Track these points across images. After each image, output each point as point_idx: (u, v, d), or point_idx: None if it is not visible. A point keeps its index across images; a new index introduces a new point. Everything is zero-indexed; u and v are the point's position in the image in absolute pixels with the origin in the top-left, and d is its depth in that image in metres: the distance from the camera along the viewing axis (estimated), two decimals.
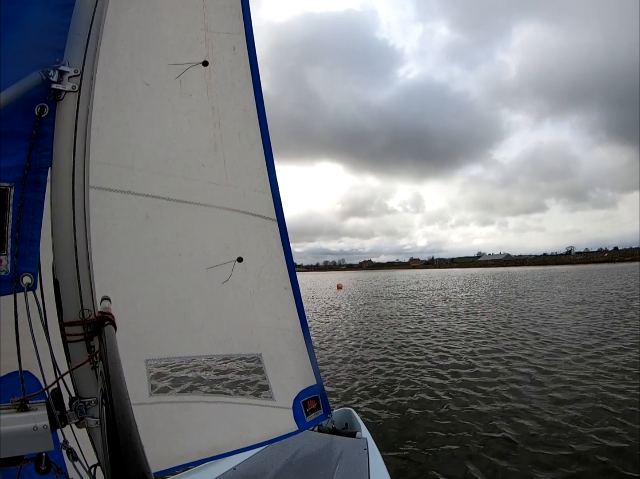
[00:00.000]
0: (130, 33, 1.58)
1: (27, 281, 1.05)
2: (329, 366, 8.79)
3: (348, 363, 9.00)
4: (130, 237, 1.78)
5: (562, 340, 10.37)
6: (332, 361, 9.24)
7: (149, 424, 1.99)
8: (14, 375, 1.10)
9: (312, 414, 2.52)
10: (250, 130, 1.97)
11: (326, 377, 7.79)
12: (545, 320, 13.88)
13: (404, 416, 5.76)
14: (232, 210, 2.01)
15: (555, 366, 7.95)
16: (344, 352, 10.14)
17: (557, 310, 16.51)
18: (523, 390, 6.67)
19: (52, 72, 1.00)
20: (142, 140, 1.71)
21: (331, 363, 9.03)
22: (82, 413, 1.02)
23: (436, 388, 6.94)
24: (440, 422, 5.48)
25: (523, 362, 8.45)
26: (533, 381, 7.12)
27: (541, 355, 8.97)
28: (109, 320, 1.04)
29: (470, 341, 10.79)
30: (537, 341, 10.47)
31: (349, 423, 3.53)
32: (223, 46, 1.81)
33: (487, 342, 10.56)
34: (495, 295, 25.17)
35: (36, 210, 1.07)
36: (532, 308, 17.28)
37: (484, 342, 10.57)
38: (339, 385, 7.45)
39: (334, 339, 12.04)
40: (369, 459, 2.68)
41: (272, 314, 2.27)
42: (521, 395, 6.41)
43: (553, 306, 17.94)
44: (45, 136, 1.03)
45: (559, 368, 7.84)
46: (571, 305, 17.74)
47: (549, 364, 8.16)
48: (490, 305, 19.28)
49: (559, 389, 6.60)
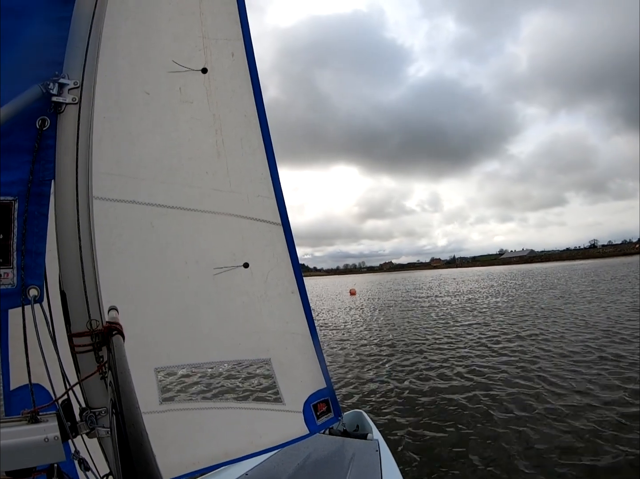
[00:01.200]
0: (129, 43, 1.59)
1: (33, 294, 1.06)
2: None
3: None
4: (135, 246, 1.78)
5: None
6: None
7: (160, 432, 2.00)
8: (24, 388, 1.11)
9: (323, 417, 2.51)
10: (252, 136, 1.97)
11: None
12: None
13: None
14: (236, 216, 2.01)
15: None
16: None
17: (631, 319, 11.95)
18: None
19: (52, 85, 1.01)
20: (145, 149, 1.72)
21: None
22: (93, 423, 1.03)
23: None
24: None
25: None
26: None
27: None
28: (117, 330, 1.04)
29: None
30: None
31: (360, 425, 3.51)
32: (222, 53, 1.82)
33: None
34: (535, 299, 19.75)
35: (41, 222, 1.08)
36: (598, 319, 12.45)
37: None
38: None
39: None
40: (381, 461, 2.66)
41: (280, 318, 2.27)
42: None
43: (621, 314, 13.04)
44: (47, 149, 1.04)
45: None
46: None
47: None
48: (538, 315, 14.44)
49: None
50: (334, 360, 9.65)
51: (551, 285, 29.36)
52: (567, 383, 6.72)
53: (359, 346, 11.36)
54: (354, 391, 7.15)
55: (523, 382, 6.93)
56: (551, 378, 7.05)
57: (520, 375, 7.35)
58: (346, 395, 6.95)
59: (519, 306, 17.70)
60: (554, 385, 6.70)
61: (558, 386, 6.58)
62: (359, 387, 7.35)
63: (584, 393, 6.17)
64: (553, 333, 11.04)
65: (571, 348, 9.14)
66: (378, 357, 9.76)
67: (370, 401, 6.54)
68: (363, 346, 11.26)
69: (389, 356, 9.79)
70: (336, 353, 10.55)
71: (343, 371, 8.57)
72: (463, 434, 5.07)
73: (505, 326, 12.80)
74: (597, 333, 10.51)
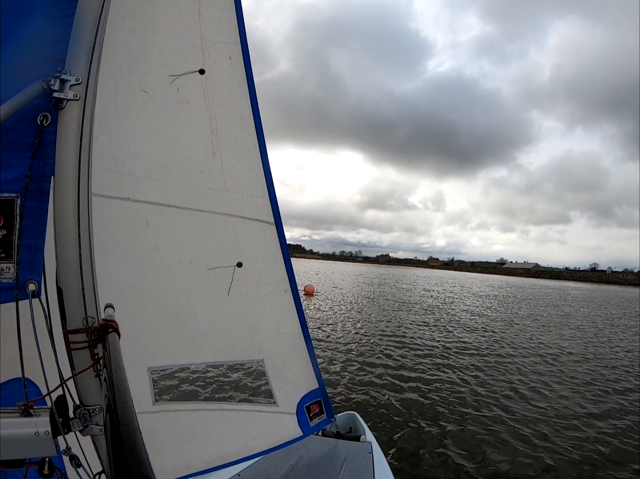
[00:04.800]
0: (128, 42, 1.60)
1: (32, 289, 1.05)
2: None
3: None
4: (130, 244, 1.78)
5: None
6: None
7: (153, 433, 1.98)
8: (12, 382, 1.11)
9: (316, 418, 2.51)
10: (247, 137, 1.99)
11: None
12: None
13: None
14: (231, 216, 2.02)
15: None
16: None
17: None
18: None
19: (54, 81, 1.01)
20: (141, 148, 1.72)
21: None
22: (86, 421, 1.02)
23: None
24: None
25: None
26: None
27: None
28: (113, 328, 1.05)
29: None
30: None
31: (353, 427, 3.52)
32: (219, 55, 1.84)
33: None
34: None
35: (41, 218, 1.08)
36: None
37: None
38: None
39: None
40: (373, 463, 2.67)
41: (272, 318, 2.27)
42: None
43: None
44: (47, 145, 1.04)
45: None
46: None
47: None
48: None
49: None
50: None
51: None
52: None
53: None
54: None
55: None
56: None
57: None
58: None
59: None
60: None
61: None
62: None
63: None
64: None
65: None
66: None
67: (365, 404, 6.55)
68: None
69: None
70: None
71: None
72: (456, 435, 5.11)
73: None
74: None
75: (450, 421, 5.79)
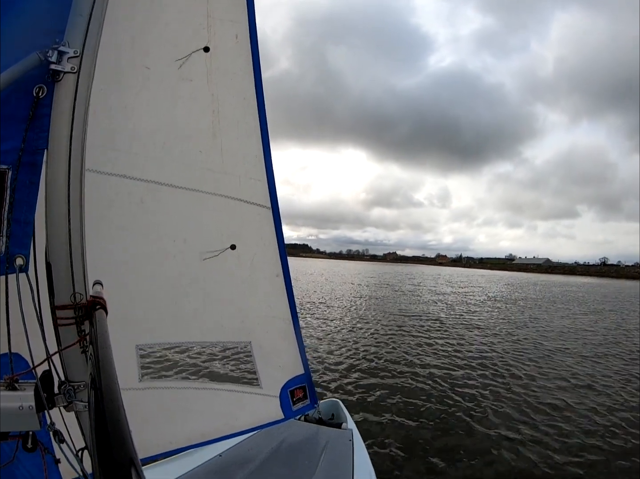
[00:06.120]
0: (132, 15, 1.55)
1: (19, 263, 1.05)
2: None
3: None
4: (124, 221, 1.76)
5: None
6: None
7: (138, 409, 2.00)
8: (4, 356, 1.11)
9: (299, 403, 2.55)
10: (249, 119, 1.96)
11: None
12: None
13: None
14: (227, 197, 2.01)
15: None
16: None
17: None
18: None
19: (51, 53, 0.98)
20: (140, 124, 1.69)
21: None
22: (71, 397, 1.03)
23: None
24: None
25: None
26: None
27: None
28: (101, 304, 1.04)
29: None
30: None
31: (335, 414, 3.58)
32: (225, 34, 1.79)
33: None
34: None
35: (31, 192, 1.06)
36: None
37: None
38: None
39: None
40: (353, 451, 2.73)
41: (263, 301, 2.29)
42: None
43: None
44: (42, 117, 1.02)
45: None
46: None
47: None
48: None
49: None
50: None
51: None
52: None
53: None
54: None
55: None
56: None
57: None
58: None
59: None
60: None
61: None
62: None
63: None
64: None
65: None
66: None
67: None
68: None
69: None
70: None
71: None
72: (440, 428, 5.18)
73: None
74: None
75: (430, 415, 5.88)
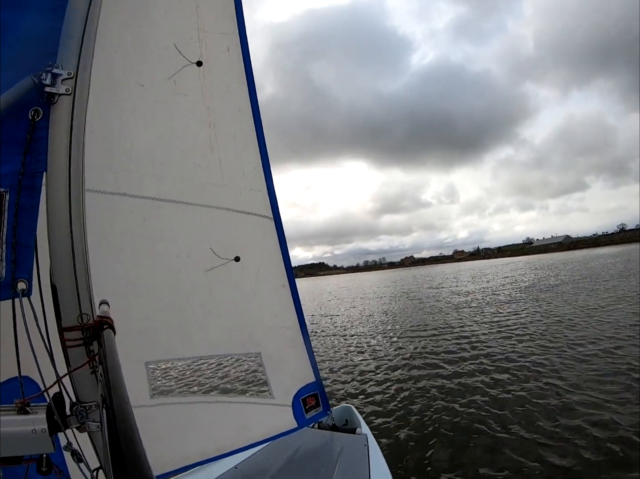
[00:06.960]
0: (123, 35, 1.56)
1: (21, 288, 1.04)
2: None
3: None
4: (127, 239, 1.77)
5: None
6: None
7: (150, 426, 1.99)
8: (13, 380, 1.10)
9: (312, 411, 2.53)
10: (245, 130, 1.97)
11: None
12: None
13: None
14: (228, 210, 2.01)
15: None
16: None
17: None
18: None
19: (45, 75, 0.99)
20: (137, 142, 1.70)
21: None
22: (83, 418, 1.02)
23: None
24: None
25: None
26: None
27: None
28: (108, 324, 1.04)
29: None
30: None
31: (349, 420, 3.54)
32: (217, 47, 1.80)
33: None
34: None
35: (31, 215, 1.06)
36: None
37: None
38: None
39: None
40: (369, 455, 2.70)
41: (270, 312, 2.28)
42: None
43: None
44: (39, 140, 1.02)
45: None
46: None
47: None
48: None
49: None
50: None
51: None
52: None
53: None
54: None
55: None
56: None
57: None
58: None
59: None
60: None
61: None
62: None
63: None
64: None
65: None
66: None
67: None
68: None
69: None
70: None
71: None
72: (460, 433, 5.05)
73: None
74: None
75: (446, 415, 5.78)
